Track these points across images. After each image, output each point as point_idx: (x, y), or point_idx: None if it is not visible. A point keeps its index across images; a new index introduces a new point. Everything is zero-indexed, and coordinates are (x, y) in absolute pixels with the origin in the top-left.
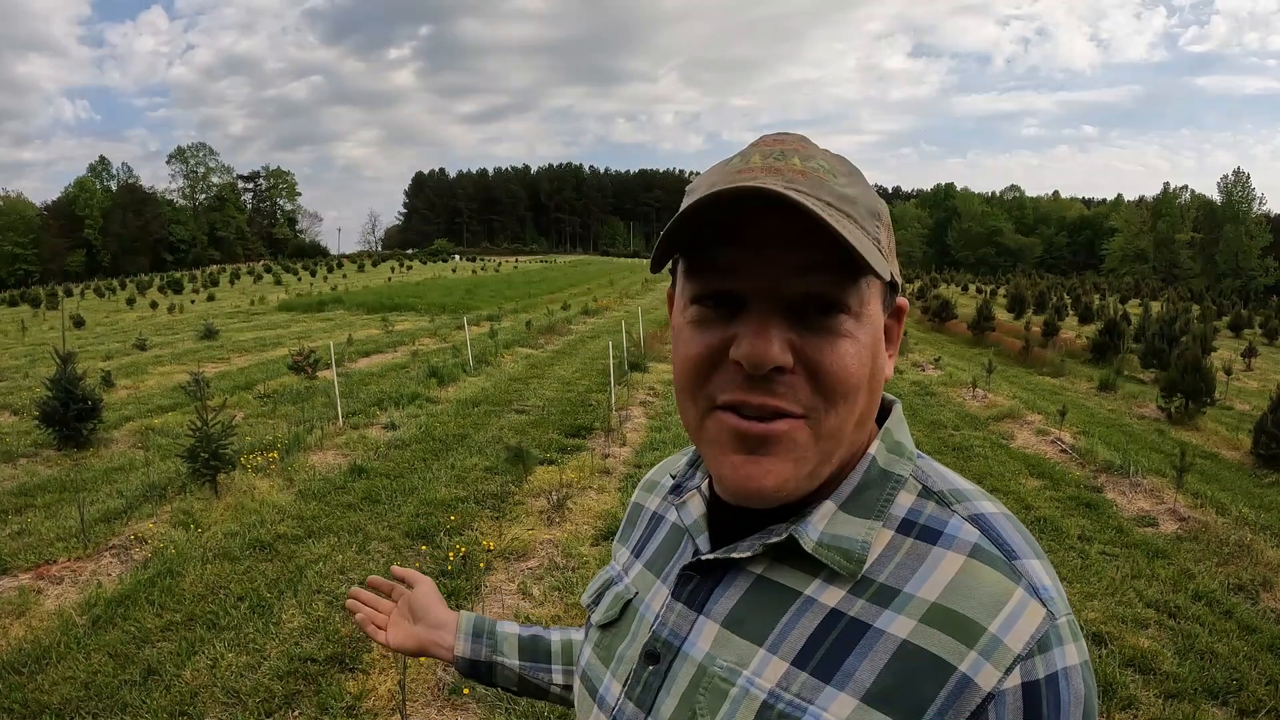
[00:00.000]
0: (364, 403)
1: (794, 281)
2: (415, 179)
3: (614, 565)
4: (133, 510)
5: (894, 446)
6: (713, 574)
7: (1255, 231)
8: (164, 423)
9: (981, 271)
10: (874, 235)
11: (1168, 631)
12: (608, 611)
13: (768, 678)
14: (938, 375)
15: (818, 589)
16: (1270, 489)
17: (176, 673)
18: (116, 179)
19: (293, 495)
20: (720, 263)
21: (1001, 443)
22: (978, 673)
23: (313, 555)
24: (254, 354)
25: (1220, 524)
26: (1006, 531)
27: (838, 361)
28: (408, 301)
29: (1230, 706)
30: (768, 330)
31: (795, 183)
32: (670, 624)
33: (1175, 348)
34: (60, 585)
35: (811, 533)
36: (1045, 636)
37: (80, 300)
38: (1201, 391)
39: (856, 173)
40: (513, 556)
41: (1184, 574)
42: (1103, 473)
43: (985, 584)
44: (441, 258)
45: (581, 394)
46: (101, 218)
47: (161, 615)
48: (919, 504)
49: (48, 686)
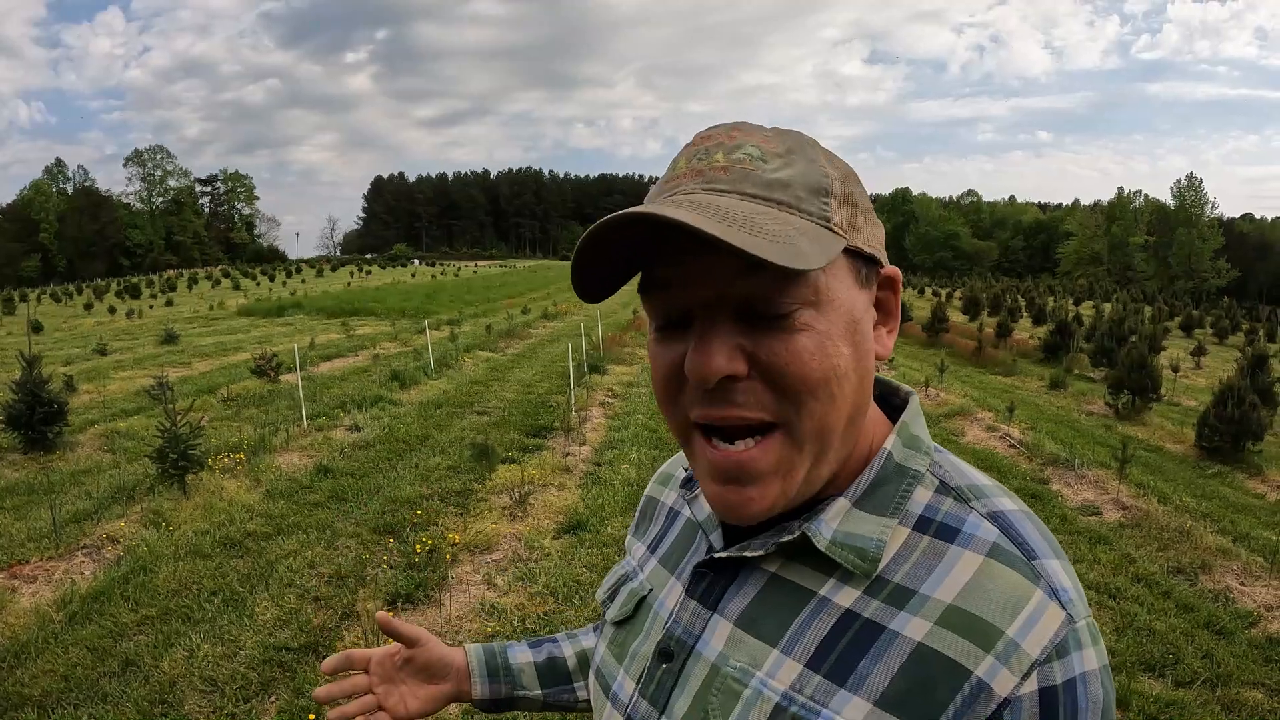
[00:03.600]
0: (327, 405)
1: (734, 285)
2: (374, 183)
3: (629, 560)
4: (102, 511)
5: (910, 440)
6: (726, 571)
7: (1207, 234)
8: (129, 426)
9: (938, 275)
10: (818, 214)
11: (1108, 611)
12: (622, 608)
13: (781, 679)
14: (891, 375)
15: (832, 589)
16: (1212, 479)
17: (154, 664)
18: (73, 182)
19: (260, 495)
20: (662, 279)
21: (952, 439)
22: (994, 678)
23: (283, 551)
24: (215, 359)
25: (1162, 512)
26: (1026, 530)
27: (794, 359)
28: (368, 306)
29: (1166, 678)
30: (709, 342)
31: (715, 181)
32: (684, 622)
33: (1124, 346)
34: (34, 584)
35: (825, 531)
36: (1064, 641)
37: (37, 305)
38: (1148, 388)
39: (800, 148)
40: (477, 550)
41: (1125, 558)
42: (1049, 465)
43: (1003, 585)
44: (401, 262)
45: (542, 396)
46: (57, 221)
47: (137, 610)
48: (936, 500)
49: (27, 680)
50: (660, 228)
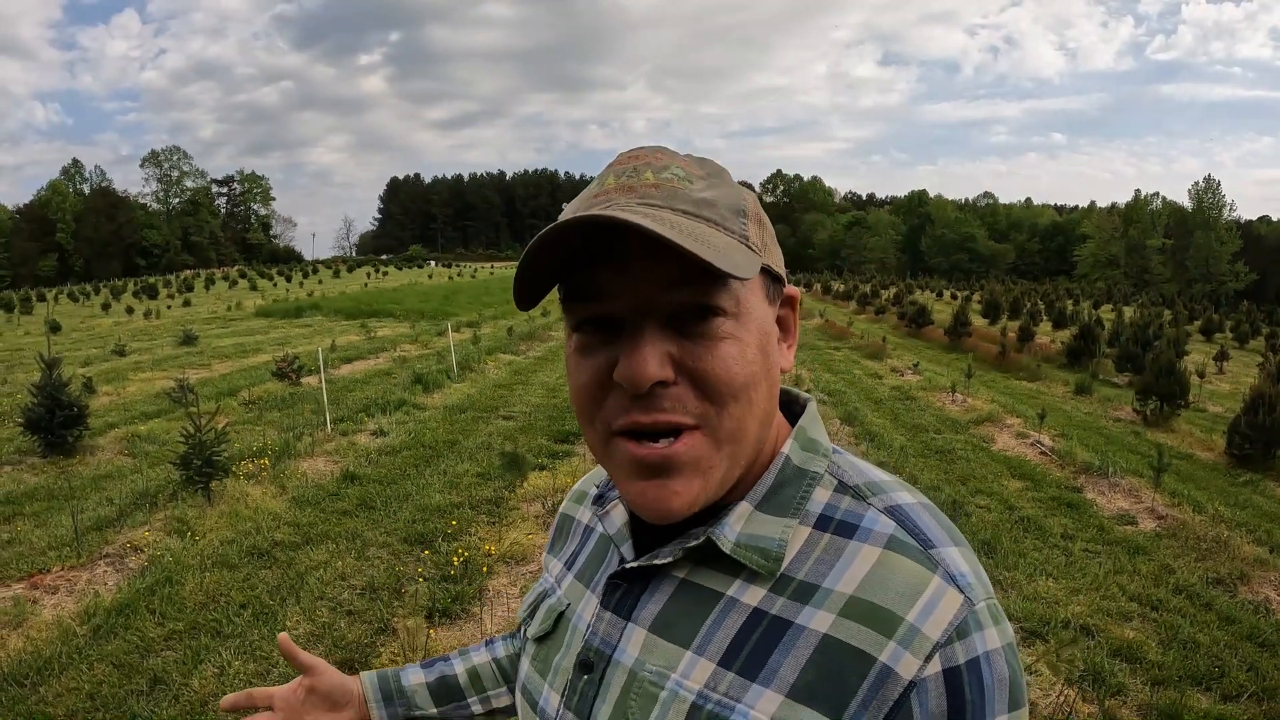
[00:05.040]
0: (351, 409)
1: (665, 295)
2: (390, 184)
3: (547, 578)
4: (125, 518)
5: (808, 444)
6: (639, 581)
7: (1225, 237)
8: (150, 429)
9: (955, 278)
10: (739, 233)
11: (1151, 624)
12: (542, 624)
13: (695, 679)
14: (916, 380)
15: (739, 589)
16: (1244, 487)
17: (184, 682)
18: (90, 182)
19: (286, 502)
20: (591, 289)
21: (983, 445)
22: (898, 662)
23: (312, 562)
24: (235, 360)
25: (1197, 521)
26: (923, 520)
27: (719, 365)
28: (386, 307)
29: (1214, 692)
30: (642, 349)
31: (648, 197)
32: (601, 633)
33: (1149, 352)
34: (56, 595)
35: (729, 534)
36: (964, 623)
37: (54, 305)
38: (1176, 394)
39: (719, 173)
40: (513, 560)
41: (1164, 569)
42: (1082, 473)
43: (901, 574)
44: (417, 263)
45: (566, 400)
46: (74, 221)
47: (163, 624)
48: (835, 499)
49: (51, 698)
50: (596, 235)
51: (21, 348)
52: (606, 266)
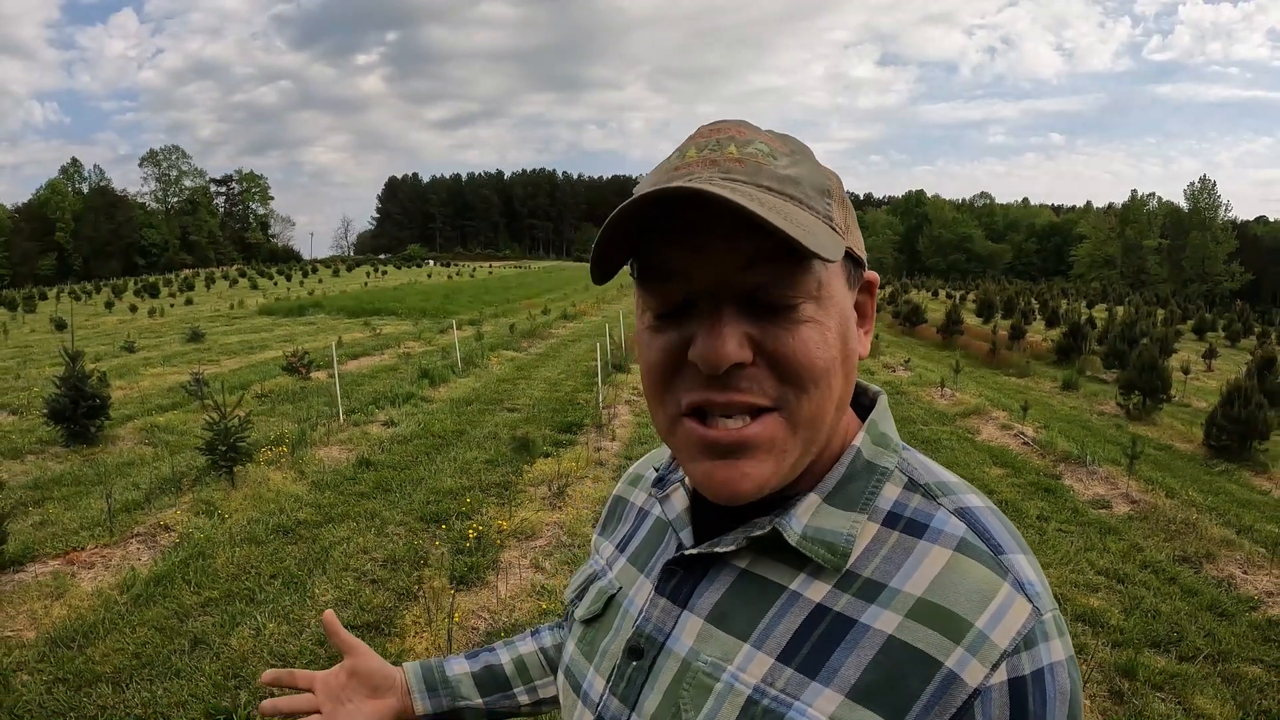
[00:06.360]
0: (361, 401)
1: (743, 275)
2: (388, 184)
3: (596, 559)
4: (151, 501)
5: (879, 438)
6: (697, 569)
7: (1221, 237)
8: (167, 420)
9: (952, 277)
10: (824, 213)
11: (1116, 594)
12: (591, 606)
13: (752, 673)
14: (908, 376)
15: (803, 583)
16: (1219, 476)
17: (223, 642)
18: (88, 181)
19: (306, 486)
20: (667, 265)
21: (968, 436)
22: (964, 669)
23: (335, 538)
24: (242, 357)
25: (1169, 505)
26: (993, 526)
27: (801, 349)
28: (388, 306)
29: (1170, 654)
30: (720, 329)
31: (732, 172)
32: (654, 619)
33: (1135, 349)
34: (93, 569)
35: (795, 526)
36: (1031, 632)
37: (57, 304)
38: (1158, 389)
39: (802, 150)
40: (523, 536)
41: (1133, 548)
42: (1061, 462)
43: (972, 579)
44: (416, 263)
45: (568, 394)
46: (73, 221)
47: (199, 593)
48: (905, 496)
49: (98, 658)
50: (675, 209)
51: (29, 345)
52: (684, 243)
